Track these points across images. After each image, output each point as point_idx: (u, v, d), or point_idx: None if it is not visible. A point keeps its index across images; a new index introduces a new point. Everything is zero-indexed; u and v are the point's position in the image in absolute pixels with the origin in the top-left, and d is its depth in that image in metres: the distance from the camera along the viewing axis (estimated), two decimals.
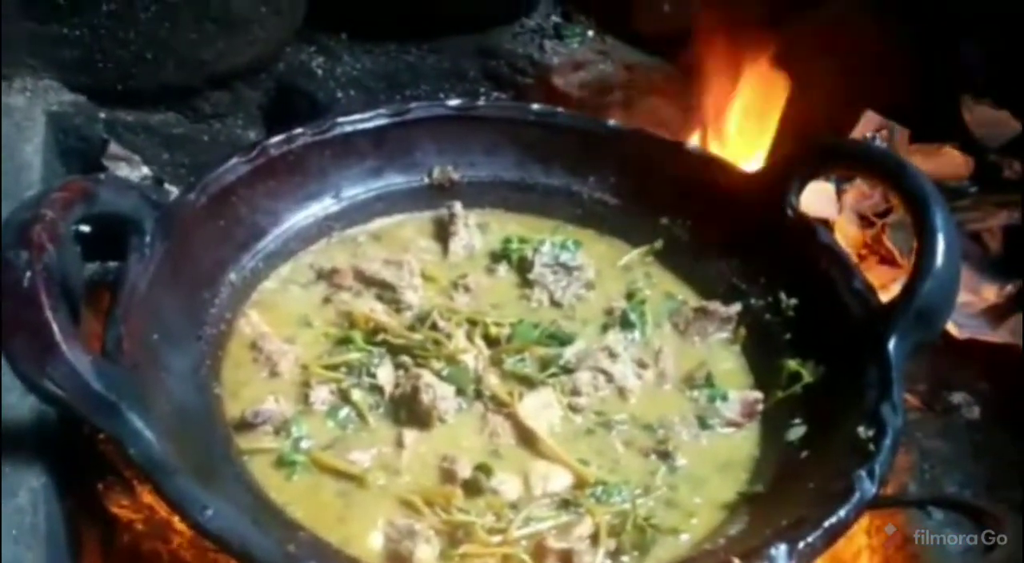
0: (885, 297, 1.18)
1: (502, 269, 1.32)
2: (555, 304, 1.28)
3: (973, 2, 1.70)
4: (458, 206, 1.35)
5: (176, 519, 0.99)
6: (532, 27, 1.70)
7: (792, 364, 1.16)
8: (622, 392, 1.17)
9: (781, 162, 1.33)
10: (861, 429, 1.03)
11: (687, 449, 1.11)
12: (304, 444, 1.07)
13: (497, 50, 1.69)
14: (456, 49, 1.68)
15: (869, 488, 0.97)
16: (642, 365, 1.21)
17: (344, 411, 1.11)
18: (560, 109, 1.42)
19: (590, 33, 1.73)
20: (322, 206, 1.32)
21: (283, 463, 1.05)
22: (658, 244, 1.35)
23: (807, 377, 1.15)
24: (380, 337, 1.17)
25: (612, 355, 1.19)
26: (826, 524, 0.94)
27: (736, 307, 1.26)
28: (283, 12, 1.56)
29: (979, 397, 1.36)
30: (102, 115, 1.53)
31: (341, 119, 1.32)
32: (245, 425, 1.07)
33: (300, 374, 1.14)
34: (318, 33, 1.65)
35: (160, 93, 1.56)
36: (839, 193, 1.65)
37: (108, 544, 1.11)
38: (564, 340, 1.21)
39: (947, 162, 1.73)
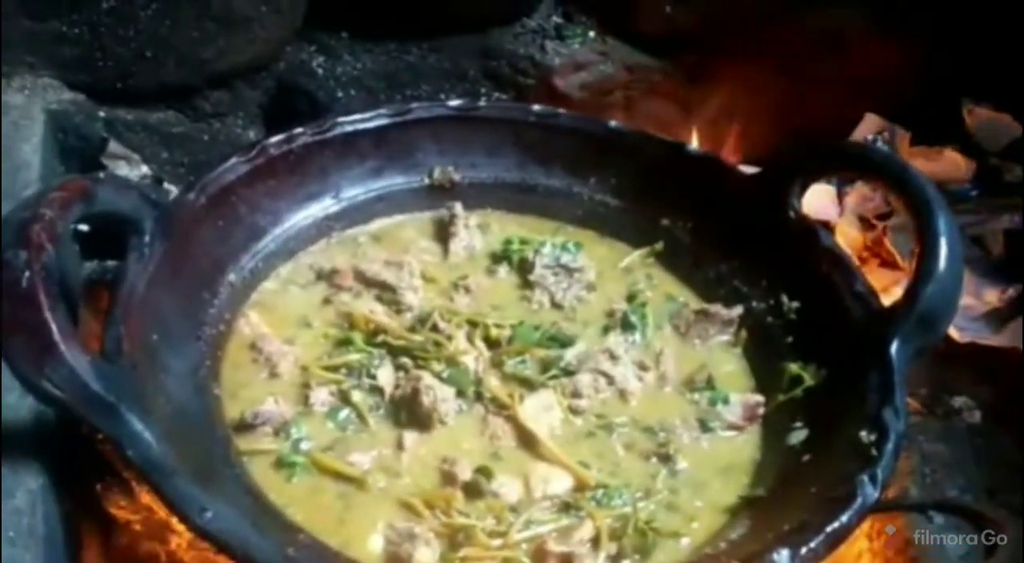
0: (886, 300, 1.18)
1: (503, 270, 1.32)
2: (556, 306, 1.28)
3: (974, 5, 1.70)
4: (458, 207, 1.35)
5: (175, 520, 0.99)
6: (533, 27, 1.69)
7: (793, 367, 1.16)
8: (623, 394, 1.17)
9: (783, 164, 1.32)
10: (863, 433, 1.02)
11: (688, 452, 1.11)
12: (304, 445, 1.07)
13: (498, 50, 1.68)
14: (457, 49, 1.68)
15: (871, 493, 0.96)
16: (643, 367, 1.20)
17: (344, 412, 1.10)
18: (561, 110, 1.42)
19: (591, 34, 1.72)
20: (322, 206, 1.31)
21: (283, 464, 1.04)
22: (659, 246, 1.34)
23: (808, 380, 1.15)
24: (380, 338, 1.17)
25: (613, 357, 1.19)
26: (828, 529, 0.93)
27: (737, 310, 1.25)
28: (283, 11, 1.55)
29: (980, 401, 1.36)
30: (101, 113, 1.52)
31: (341, 119, 1.32)
32: (244, 426, 1.07)
33: (300, 375, 1.14)
34: (318, 32, 1.64)
35: (160, 92, 1.55)
36: (840, 195, 1.65)
37: (106, 545, 1.10)
38: (565, 342, 1.20)
39: (948, 165, 1.72)
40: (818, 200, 1.56)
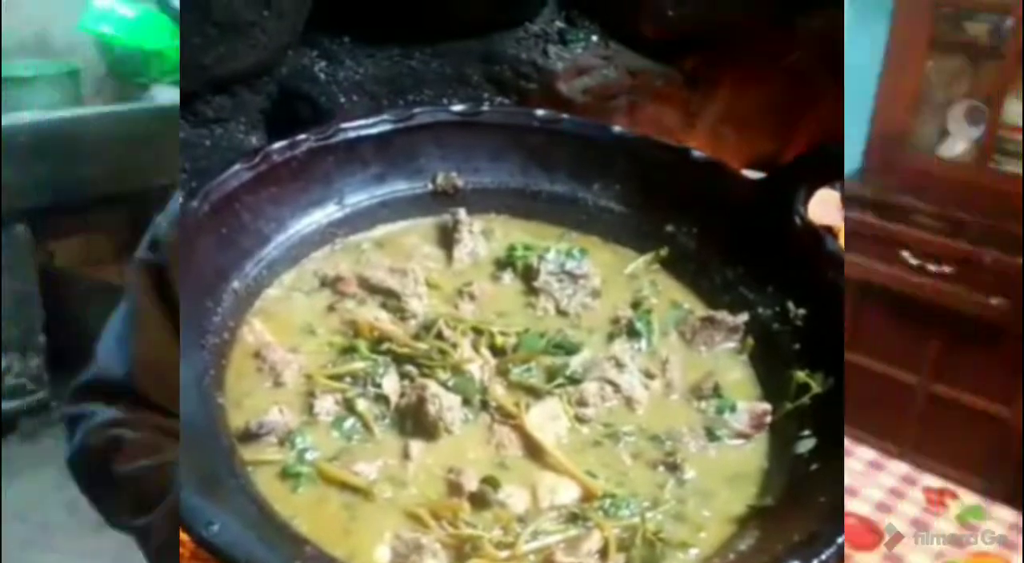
0: None
1: (507, 277, 1.31)
2: (561, 313, 1.26)
3: None
4: (462, 213, 1.34)
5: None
6: (536, 32, 1.69)
7: (801, 375, 1.15)
8: (629, 403, 1.16)
9: (789, 169, 1.32)
10: None
11: (695, 461, 1.10)
12: (309, 455, 1.05)
13: (500, 55, 1.67)
14: (459, 54, 1.67)
15: None
16: (649, 375, 1.19)
17: (349, 422, 1.09)
18: (564, 115, 1.41)
19: (594, 38, 1.71)
20: (325, 213, 1.30)
21: (288, 475, 1.03)
22: (664, 252, 1.34)
23: (816, 388, 1.13)
24: (385, 346, 1.16)
25: (619, 365, 1.18)
26: (839, 540, 0.92)
27: (743, 316, 1.24)
28: (285, 16, 1.54)
29: None
30: None
31: (345, 125, 1.31)
32: (249, 436, 1.05)
33: (304, 384, 1.13)
34: (321, 37, 1.63)
35: None
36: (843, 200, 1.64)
37: None
38: (570, 349, 1.19)
39: None
40: (822, 205, 1.55)
